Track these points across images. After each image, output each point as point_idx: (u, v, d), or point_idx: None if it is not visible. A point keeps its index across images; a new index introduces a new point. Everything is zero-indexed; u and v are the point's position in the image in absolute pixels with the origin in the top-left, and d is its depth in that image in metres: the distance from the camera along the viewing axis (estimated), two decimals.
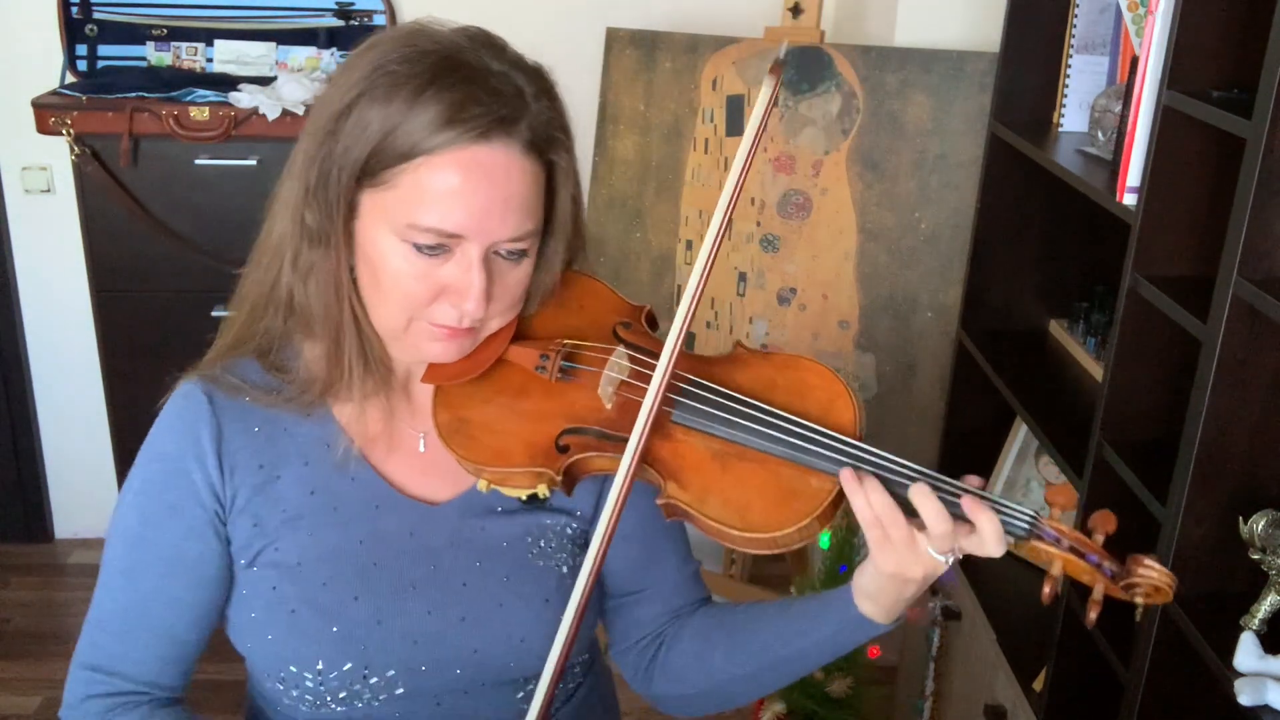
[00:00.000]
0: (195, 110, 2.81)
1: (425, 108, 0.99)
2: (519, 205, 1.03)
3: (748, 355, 1.11)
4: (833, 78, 2.57)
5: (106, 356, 3.08)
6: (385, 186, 1.02)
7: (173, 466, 1.12)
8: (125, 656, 1.13)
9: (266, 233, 1.11)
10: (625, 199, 2.81)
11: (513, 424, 1.09)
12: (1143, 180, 1.56)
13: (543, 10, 3.03)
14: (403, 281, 1.04)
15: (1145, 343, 1.63)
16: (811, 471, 1.02)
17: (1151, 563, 0.97)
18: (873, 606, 1.06)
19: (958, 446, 2.40)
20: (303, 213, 1.06)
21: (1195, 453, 1.41)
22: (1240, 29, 1.47)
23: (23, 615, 3.15)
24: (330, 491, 1.14)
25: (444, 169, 1.00)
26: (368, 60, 1.03)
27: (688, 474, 1.04)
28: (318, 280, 1.07)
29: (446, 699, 1.15)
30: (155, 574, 1.12)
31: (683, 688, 1.21)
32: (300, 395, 1.12)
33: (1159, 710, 1.54)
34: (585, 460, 1.07)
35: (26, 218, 3.17)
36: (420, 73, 1.00)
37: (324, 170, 1.04)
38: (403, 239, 1.03)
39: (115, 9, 2.99)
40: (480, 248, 1.03)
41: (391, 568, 1.13)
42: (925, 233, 2.54)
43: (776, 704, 2.50)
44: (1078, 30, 2.06)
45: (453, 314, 1.05)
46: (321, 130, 1.04)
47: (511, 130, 1.02)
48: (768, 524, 1.01)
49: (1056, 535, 0.98)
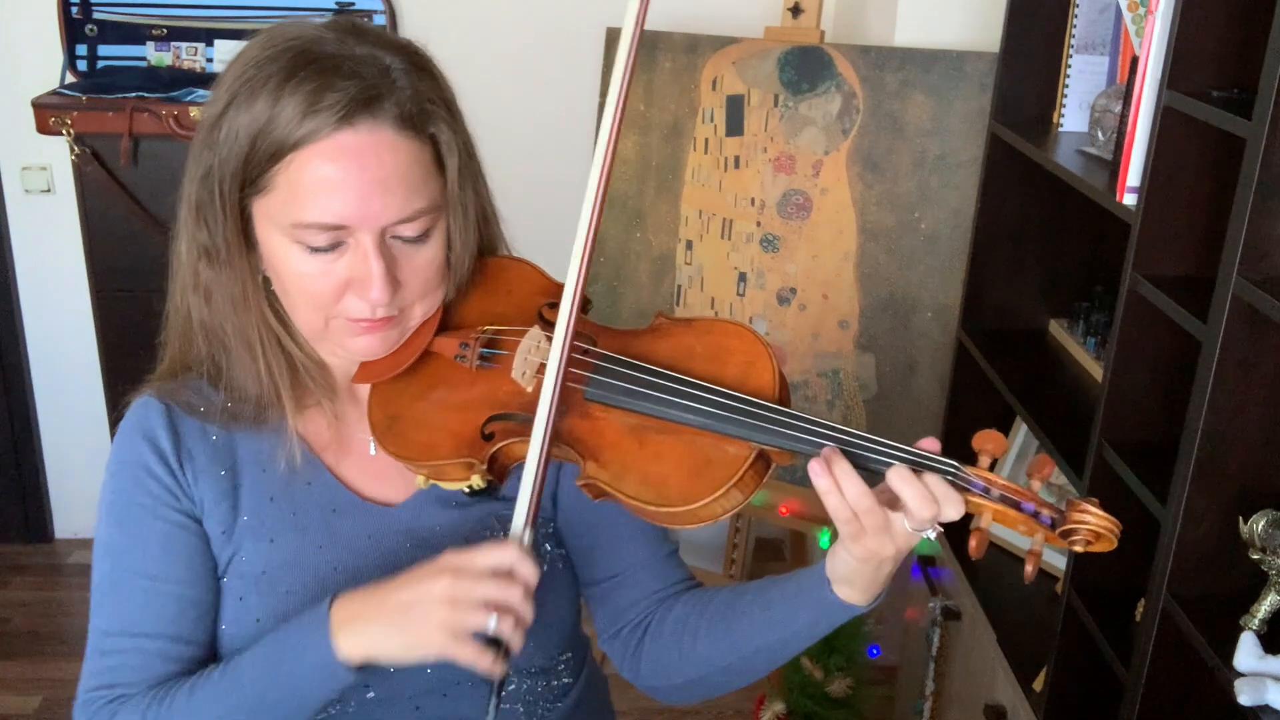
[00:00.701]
0: (195, 110, 2.80)
1: (285, 103, 0.98)
2: (400, 185, 1.01)
3: (669, 324, 1.09)
4: (833, 78, 2.57)
5: (106, 356, 3.08)
6: (266, 191, 1.01)
7: (140, 469, 1.11)
8: (126, 665, 1.11)
9: (173, 260, 1.11)
10: (625, 199, 2.81)
11: (440, 416, 1.08)
12: (1143, 180, 1.56)
13: (543, 10, 3.03)
14: (306, 282, 1.03)
15: (1145, 343, 1.63)
16: (728, 439, 0.99)
17: (1090, 507, 0.93)
18: (850, 590, 1.04)
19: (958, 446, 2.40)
20: (194, 232, 1.06)
21: (1195, 453, 1.41)
22: (1240, 29, 1.47)
23: (23, 615, 3.15)
24: (288, 497, 1.13)
25: (313, 161, 0.99)
26: (233, 69, 1.03)
27: (607, 452, 1.02)
28: (219, 298, 1.07)
29: (425, 702, 1.14)
30: (147, 577, 1.10)
31: (669, 677, 1.19)
32: (241, 413, 1.12)
33: (1159, 710, 1.54)
34: (510, 446, 1.05)
35: (26, 218, 3.17)
36: (278, 70, 0.99)
37: (207, 186, 1.03)
38: (294, 241, 1.02)
39: (115, 9, 2.99)
40: (371, 235, 1.01)
41: (351, 571, 1.12)
42: (925, 233, 2.54)
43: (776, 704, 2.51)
44: (1078, 30, 2.06)
45: (363, 306, 1.04)
46: (200, 145, 1.04)
47: (376, 109, 0.99)
48: (684, 496, 0.98)
49: (985, 485, 0.95)
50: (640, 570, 1.22)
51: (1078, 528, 0.93)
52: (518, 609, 0.99)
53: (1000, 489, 0.95)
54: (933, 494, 0.94)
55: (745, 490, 0.99)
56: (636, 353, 1.06)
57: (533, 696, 1.20)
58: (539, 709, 1.21)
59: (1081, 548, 0.94)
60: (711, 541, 3.15)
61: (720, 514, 1.00)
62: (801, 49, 2.59)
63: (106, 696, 1.11)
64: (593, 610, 1.26)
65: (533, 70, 3.03)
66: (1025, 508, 0.94)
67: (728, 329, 1.06)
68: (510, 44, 3.02)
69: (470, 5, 3.02)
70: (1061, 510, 0.94)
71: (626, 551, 1.21)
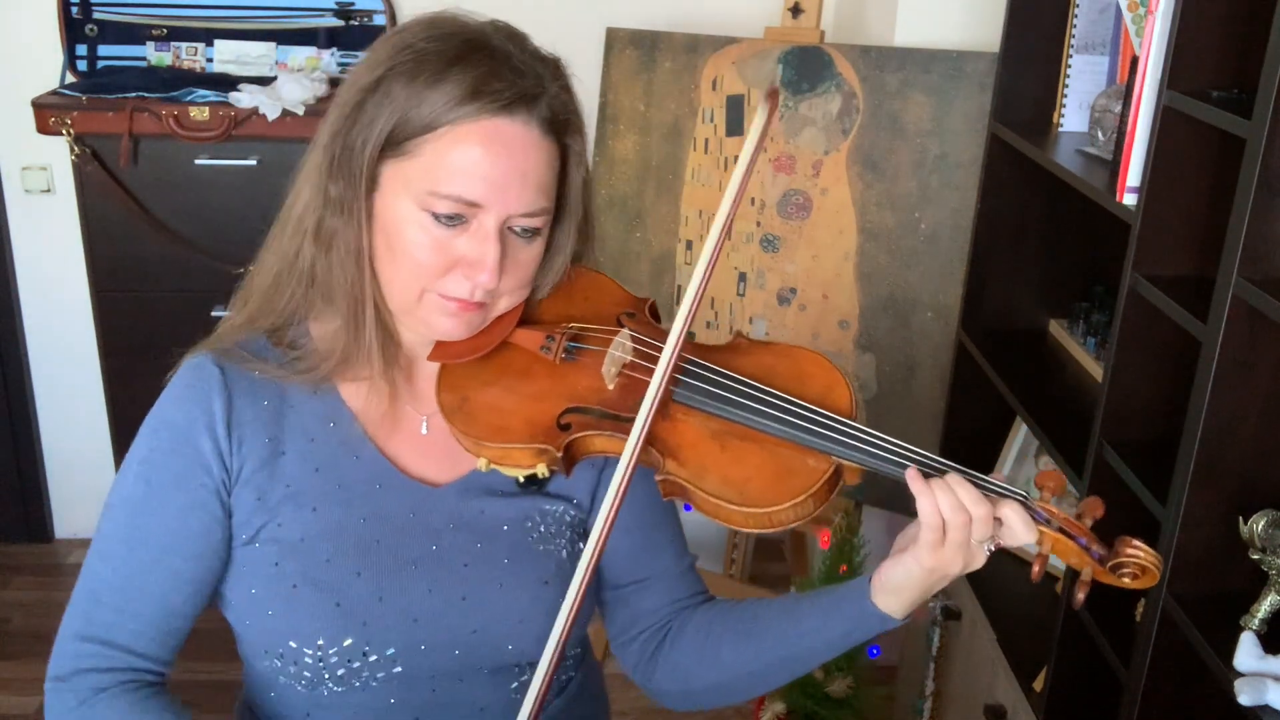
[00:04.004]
0: (195, 110, 2.81)
1: (450, 82, 1.04)
2: (535, 181, 1.07)
3: (748, 344, 1.14)
4: (833, 78, 2.57)
5: (106, 356, 3.08)
6: (408, 156, 1.05)
7: (181, 436, 1.13)
8: (121, 627, 1.13)
9: (289, 205, 1.13)
10: (625, 199, 2.81)
11: (515, 403, 1.11)
12: (1143, 180, 1.56)
13: (543, 10, 3.03)
14: (418, 251, 1.07)
15: (1145, 343, 1.63)
16: (809, 451, 1.04)
17: (1138, 544, 1.00)
18: (895, 601, 1.08)
19: (958, 446, 2.40)
20: (326, 184, 1.09)
21: (1195, 453, 1.41)
22: (1240, 29, 1.47)
23: (23, 615, 3.15)
24: (334, 469, 1.15)
25: (466, 139, 1.04)
26: (396, 40, 1.08)
27: (686, 452, 1.06)
28: (340, 250, 1.10)
29: (441, 684, 1.16)
30: (157, 545, 1.12)
31: (687, 682, 1.22)
32: (313, 370, 1.14)
33: (1159, 710, 1.54)
34: (586, 439, 1.09)
35: (26, 218, 3.17)
36: (446, 50, 1.05)
37: (349, 143, 1.07)
38: (423, 207, 1.06)
39: (115, 9, 2.99)
40: (497, 219, 1.06)
41: (393, 546, 1.14)
42: (925, 233, 2.54)
43: (776, 704, 2.51)
44: (1078, 30, 2.06)
45: (465, 286, 1.08)
46: (349, 104, 1.07)
47: (532, 106, 1.06)
48: (763, 499, 1.03)
49: (1047, 516, 1.01)
50: (666, 578, 1.25)
51: (1126, 562, 1.00)
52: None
53: (1060, 521, 1.02)
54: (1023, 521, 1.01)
55: (819, 501, 1.04)
56: (721, 364, 1.11)
57: None
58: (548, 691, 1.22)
59: (1130, 581, 1.01)
60: (712, 541, 3.15)
61: (790, 521, 1.04)
62: (801, 49, 2.59)
63: (106, 660, 1.12)
64: (608, 613, 1.27)
65: None
66: (1079, 541, 1.01)
67: (806, 355, 1.12)
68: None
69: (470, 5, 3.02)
70: (1110, 547, 1.01)
71: (655, 558, 1.24)
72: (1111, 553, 1.00)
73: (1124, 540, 1.00)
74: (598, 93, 2.80)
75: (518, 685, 1.18)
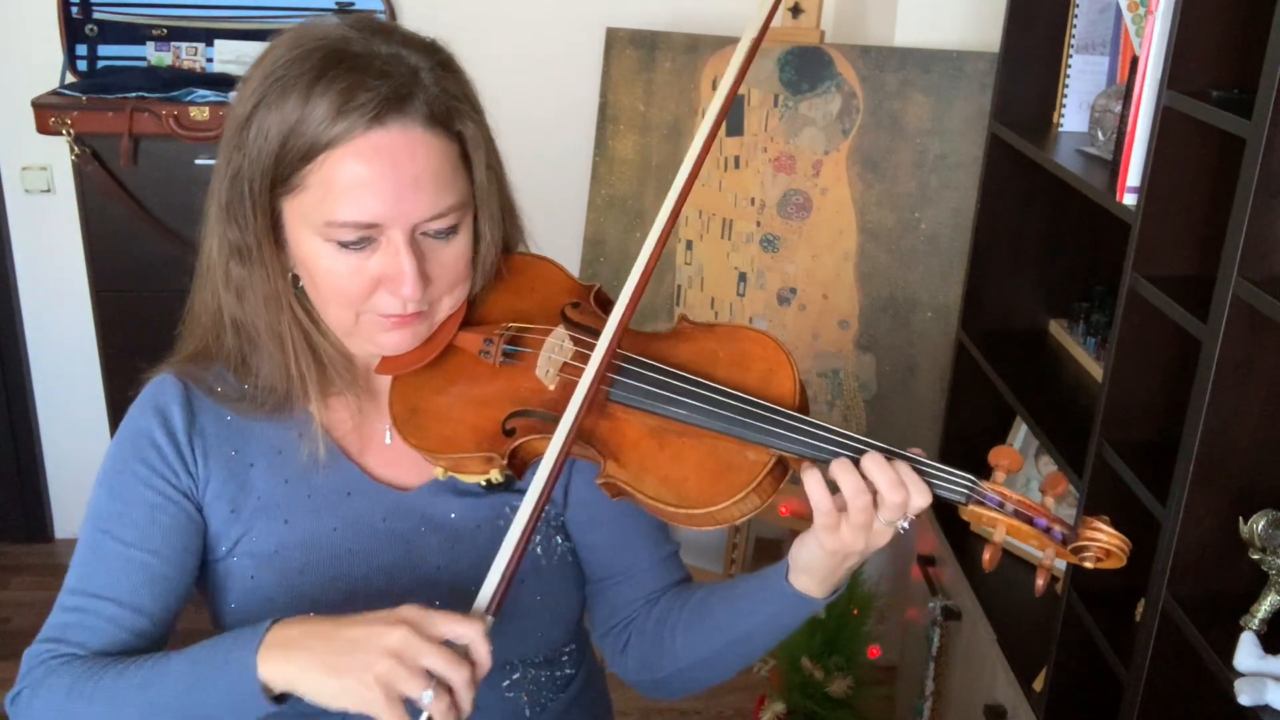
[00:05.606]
0: (195, 110, 2.81)
1: (317, 104, 0.99)
2: (431, 182, 1.02)
3: (691, 329, 1.10)
4: (833, 78, 2.57)
5: (106, 357, 3.08)
6: (298, 190, 1.03)
7: (144, 440, 1.12)
8: (79, 625, 1.09)
9: (201, 256, 1.11)
10: (625, 199, 2.81)
11: (461, 410, 1.09)
12: (1143, 180, 1.56)
13: (543, 10, 3.03)
14: (337, 280, 1.05)
15: (1145, 343, 1.63)
16: (748, 445, 1.00)
17: (1102, 526, 0.96)
18: (810, 581, 1.06)
19: (958, 446, 2.40)
20: (224, 231, 1.06)
21: (1195, 453, 1.41)
22: (1240, 29, 1.46)
23: (23, 615, 3.15)
24: (304, 479, 1.15)
25: (346, 160, 1.00)
26: (260, 69, 1.04)
27: (627, 452, 1.04)
28: (251, 295, 1.08)
29: None
30: (125, 540, 1.10)
31: (651, 671, 1.21)
32: (263, 405, 1.13)
33: (1159, 710, 1.54)
34: (530, 444, 1.07)
35: (26, 218, 3.17)
36: (307, 70, 1.01)
37: (236, 185, 1.04)
38: (325, 239, 1.03)
39: (115, 9, 2.99)
40: (403, 232, 1.03)
41: (365, 552, 1.14)
42: (925, 233, 2.54)
43: (776, 704, 2.50)
44: (1078, 30, 2.06)
45: (394, 302, 1.06)
46: (228, 145, 1.05)
47: (405, 108, 1.01)
48: (702, 499, 1.00)
49: (999, 499, 0.97)
50: (641, 571, 1.23)
51: (1089, 544, 0.95)
52: (459, 692, 0.93)
53: (1014, 504, 0.97)
54: (902, 480, 0.96)
55: (763, 495, 1.01)
56: (659, 355, 1.07)
57: (536, 686, 1.21)
58: (542, 698, 1.22)
59: (1092, 564, 0.96)
60: (711, 541, 3.15)
61: (737, 518, 1.01)
62: (801, 49, 2.59)
63: (53, 651, 1.10)
64: (590, 607, 1.27)
65: (533, 70, 3.03)
66: (1038, 523, 0.96)
67: (750, 336, 1.07)
68: (510, 44, 3.02)
69: (470, 5, 3.02)
70: (1073, 527, 0.96)
71: (630, 552, 1.23)
72: (1074, 534, 0.96)
73: (1088, 522, 0.96)
74: (598, 93, 2.80)
75: (509, 683, 1.18)
